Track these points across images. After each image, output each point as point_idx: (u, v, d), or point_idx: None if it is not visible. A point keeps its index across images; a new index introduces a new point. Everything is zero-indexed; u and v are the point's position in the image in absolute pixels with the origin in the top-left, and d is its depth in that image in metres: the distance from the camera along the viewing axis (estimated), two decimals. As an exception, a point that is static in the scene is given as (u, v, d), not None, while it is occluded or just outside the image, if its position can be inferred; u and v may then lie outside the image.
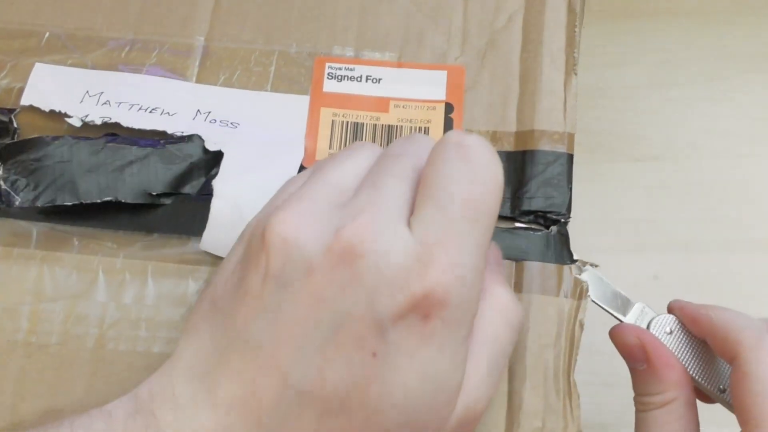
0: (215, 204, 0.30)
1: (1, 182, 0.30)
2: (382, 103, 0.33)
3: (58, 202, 0.30)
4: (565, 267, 0.31)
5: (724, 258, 0.43)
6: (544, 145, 0.31)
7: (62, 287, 0.30)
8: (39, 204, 0.30)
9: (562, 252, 0.31)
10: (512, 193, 0.31)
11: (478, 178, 0.25)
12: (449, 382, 0.24)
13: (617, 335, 0.31)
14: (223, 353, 0.24)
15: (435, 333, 0.23)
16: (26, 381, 0.29)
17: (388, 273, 0.23)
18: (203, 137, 0.31)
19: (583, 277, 0.30)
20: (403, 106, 0.33)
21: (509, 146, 0.32)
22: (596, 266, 0.31)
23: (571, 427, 0.29)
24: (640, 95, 0.48)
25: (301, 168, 0.31)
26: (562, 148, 0.31)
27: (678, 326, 0.31)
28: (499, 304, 0.26)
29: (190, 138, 0.31)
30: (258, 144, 0.31)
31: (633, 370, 0.31)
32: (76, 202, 0.30)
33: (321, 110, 0.32)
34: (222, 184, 0.30)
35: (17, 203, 0.30)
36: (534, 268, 0.31)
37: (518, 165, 0.32)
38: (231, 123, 0.32)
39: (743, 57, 0.49)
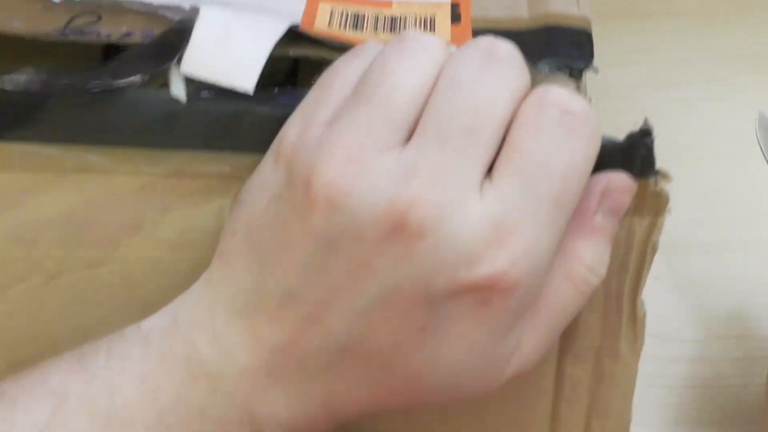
0: (200, 26, 0.27)
1: None
2: (384, 3, 0.31)
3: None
4: (644, 181, 0.25)
5: (724, 258, 0.43)
6: (563, 23, 0.30)
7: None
8: None
9: (640, 163, 0.25)
10: (534, 62, 0.28)
11: (578, 157, 0.21)
12: (498, 359, 0.23)
13: None
14: (265, 297, 0.23)
15: (491, 317, 0.22)
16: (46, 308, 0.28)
17: (450, 256, 0.21)
18: None
19: None
20: (407, 4, 0.31)
21: (526, 26, 0.30)
22: None
23: (639, 343, 0.27)
24: (640, 95, 0.48)
25: (299, 30, 0.28)
26: (581, 25, 0.30)
27: None
28: (576, 273, 0.23)
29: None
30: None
31: None
32: None
33: (320, 5, 0.31)
34: (210, 7, 0.27)
35: None
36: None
37: (537, 41, 0.29)
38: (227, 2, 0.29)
39: (743, 57, 0.49)
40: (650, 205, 0.26)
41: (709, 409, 0.35)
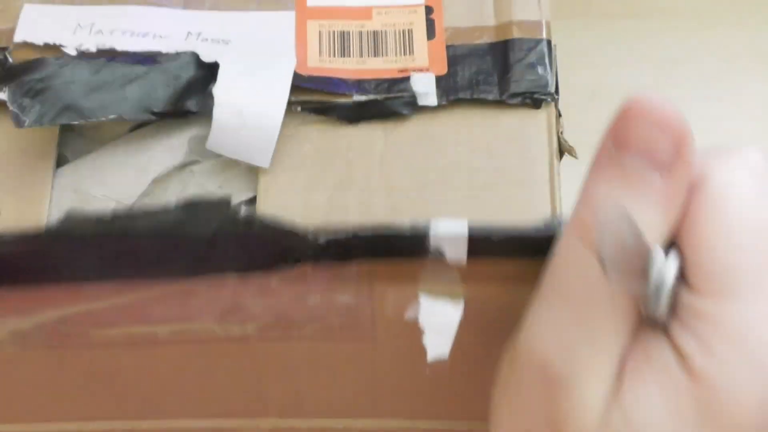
0: (217, 111, 0.30)
1: (9, 105, 0.30)
2: (364, 12, 0.34)
3: (64, 122, 0.30)
4: None
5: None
6: (524, 34, 0.33)
7: None
8: (45, 123, 0.30)
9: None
10: (499, 79, 0.33)
11: None
12: None
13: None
14: None
15: None
16: None
17: None
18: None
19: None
20: (386, 13, 0.34)
21: (489, 39, 0.34)
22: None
23: None
24: (640, 95, 0.48)
25: (295, 75, 0.32)
26: (540, 35, 0.33)
27: None
28: None
29: (184, 54, 0.32)
30: (251, 55, 0.32)
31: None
32: (82, 122, 0.30)
33: (308, 23, 0.34)
34: (222, 91, 0.31)
35: (26, 124, 0.30)
36: None
37: (501, 54, 0.33)
38: (222, 41, 0.33)
39: (743, 57, 0.49)
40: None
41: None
